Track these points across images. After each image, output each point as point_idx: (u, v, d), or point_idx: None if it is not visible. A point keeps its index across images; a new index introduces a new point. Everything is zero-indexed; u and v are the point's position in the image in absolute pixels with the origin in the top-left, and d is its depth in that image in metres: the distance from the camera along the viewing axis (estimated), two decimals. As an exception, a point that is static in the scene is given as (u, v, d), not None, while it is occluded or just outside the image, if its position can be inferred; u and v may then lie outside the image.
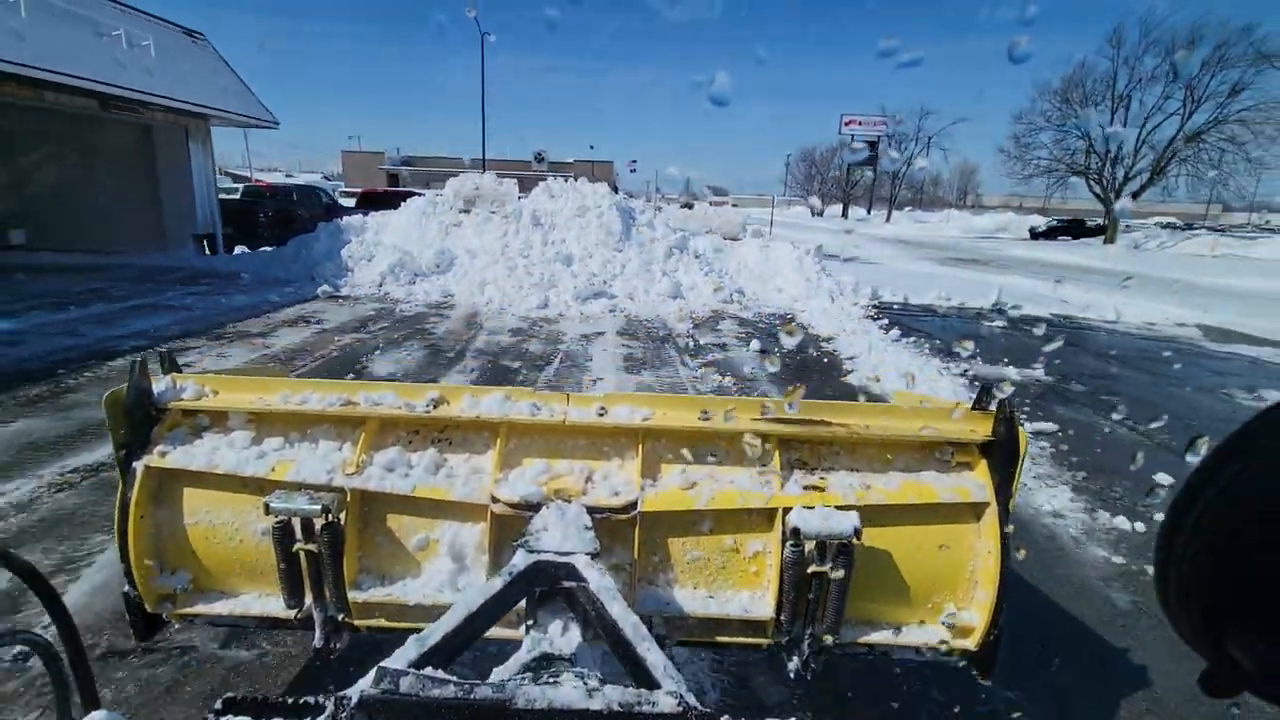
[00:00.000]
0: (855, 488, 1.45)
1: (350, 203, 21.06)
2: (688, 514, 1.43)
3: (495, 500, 1.40)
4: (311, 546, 1.34)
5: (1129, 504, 4.07)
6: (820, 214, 74.26)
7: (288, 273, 11.74)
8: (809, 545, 1.32)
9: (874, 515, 1.40)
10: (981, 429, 1.47)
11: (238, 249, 15.50)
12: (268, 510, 1.32)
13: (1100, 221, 34.17)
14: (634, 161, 79.14)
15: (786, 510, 1.39)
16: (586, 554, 1.17)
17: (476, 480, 1.45)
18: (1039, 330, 10.38)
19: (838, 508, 1.36)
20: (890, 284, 13.02)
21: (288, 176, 52.05)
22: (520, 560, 1.14)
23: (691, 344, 8.15)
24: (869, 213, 64.16)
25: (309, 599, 1.38)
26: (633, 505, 1.39)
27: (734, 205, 33.97)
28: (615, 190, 14.87)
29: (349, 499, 1.41)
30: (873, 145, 58.73)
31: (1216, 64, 28.39)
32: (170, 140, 13.89)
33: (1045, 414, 5.70)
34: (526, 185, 13.62)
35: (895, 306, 11.48)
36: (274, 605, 1.45)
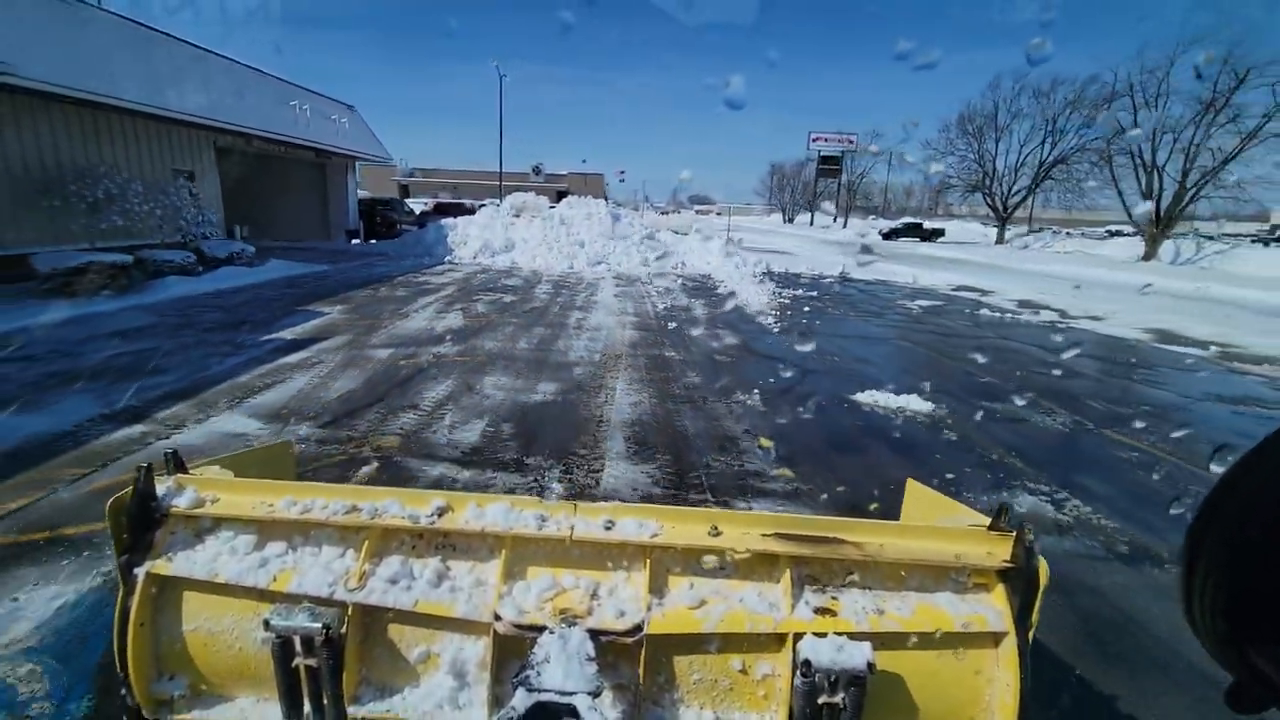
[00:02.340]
0: (869, 612, 1.38)
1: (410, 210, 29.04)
2: (695, 636, 1.37)
3: (498, 618, 1.35)
4: (311, 662, 1.30)
5: (808, 329, 11.77)
6: (791, 221, 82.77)
7: (414, 252, 19.47)
8: (820, 676, 1.26)
9: (887, 640, 1.34)
10: (1000, 552, 1.40)
11: (354, 241, 23.36)
12: (268, 626, 1.28)
13: (947, 225, 42.63)
14: (622, 171, 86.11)
15: (798, 636, 1.32)
16: (587, 693, 1.15)
17: (480, 594, 1.41)
18: (847, 284, 18.32)
19: (850, 635, 1.31)
20: (786, 263, 20.98)
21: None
22: (520, 702, 1.13)
23: (649, 282, 16.02)
24: (835, 219, 71.95)
25: (307, 708, 1.33)
26: (639, 628, 1.34)
27: (719, 214, 41.84)
28: (606, 199, 22.93)
29: (350, 613, 1.36)
30: (836, 160, 67.03)
31: (1073, 105, 36.98)
32: (336, 172, 21.92)
33: (808, 310, 13.49)
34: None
35: (777, 274, 19.37)
36: (272, 715, 1.38)
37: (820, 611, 1.38)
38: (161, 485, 1.48)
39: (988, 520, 1.48)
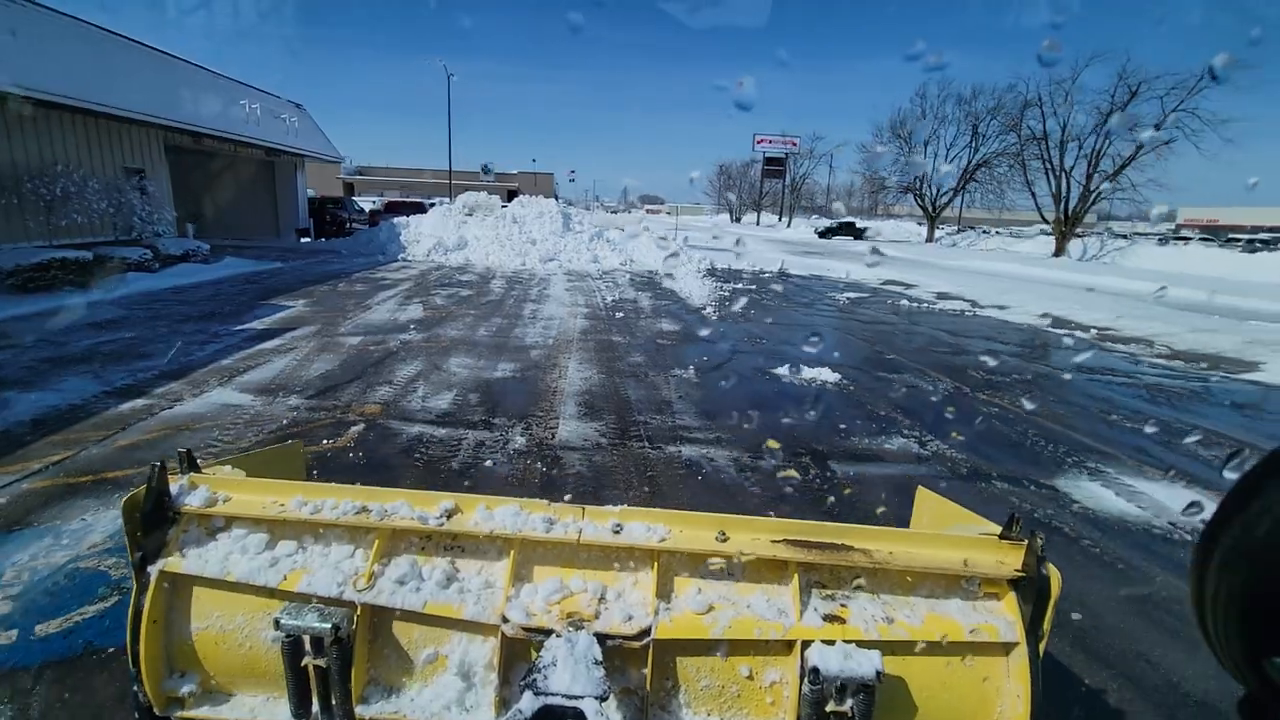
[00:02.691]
0: (878, 620, 1.37)
1: (362, 208, 29.06)
2: (703, 641, 1.37)
3: (506, 620, 1.36)
4: (320, 662, 1.32)
5: (742, 317, 12.84)
6: (738, 220, 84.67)
7: (366, 250, 19.79)
8: (828, 684, 1.26)
9: (896, 649, 1.34)
10: (1011, 561, 1.39)
11: (304, 239, 23.40)
12: (278, 626, 1.30)
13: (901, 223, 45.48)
14: (573, 171, 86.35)
15: (806, 643, 1.32)
16: (594, 697, 1.16)
17: (488, 596, 1.42)
18: (785, 279, 19.59)
19: (859, 643, 1.30)
20: (729, 261, 22.13)
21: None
22: (527, 705, 1.14)
23: (599, 278, 16.86)
24: (780, 218, 74.06)
25: (316, 708, 1.36)
26: (646, 632, 1.34)
27: (668, 213, 42.95)
28: (556, 199, 23.71)
29: (359, 613, 1.38)
30: (781, 161, 69.16)
31: (992, 112, 39.71)
32: (285, 170, 21.98)
33: (745, 301, 14.57)
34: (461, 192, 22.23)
35: (720, 270, 20.48)
36: (281, 713, 1.41)
37: (829, 619, 1.38)
38: (174, 484, 1.49)
39: (998, 529, 1.47)
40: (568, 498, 3.87)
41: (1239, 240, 35.97)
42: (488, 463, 4.34)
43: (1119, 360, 9.16)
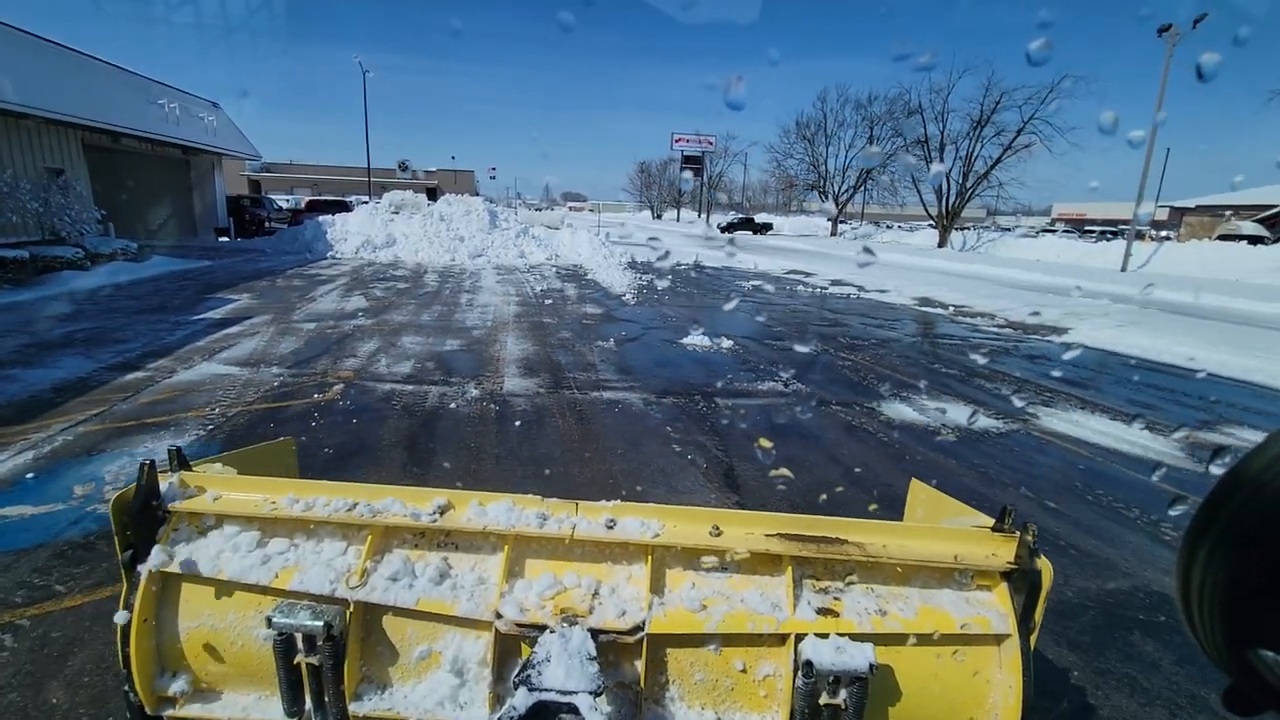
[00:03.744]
0: (871, 613, 1.38)
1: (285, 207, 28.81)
2: (697, 635, 1.37)
3: (499, 616, 1.35)
4: (313, 659, 1.32)
5: (657, 301, 14.36)
6: (659, 217, 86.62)
7: (292, 249, 20.05)
8: (821, 676, 1.27)
9: (889, 641, 1.36)
10: (1003, 553, 1.41)
11: (222, 239, 23.21)
12: (270, 624, 1.30)
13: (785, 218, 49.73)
14: (493, 169, 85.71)
15: (800, 636, 1.33)
16: (589, 692, 1.16)
17: (481, 592, 1.40)
18: (700, 270, 21.37)
19: (852, 636, 1.31)
20: (649, 254, 23.71)
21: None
22: (521, 701, 1.14)
23: (527, 271, 18.03)
24: (699, 215, 76.47)
25: (309, 705, 1.36)
26: (640, 627, 1.35)
27: (591, 210, 43.97)
28: (478, 196, 24.71)
29: (352, 610, 1.37)
30: (698, 159, 71.57)
31: (884, 116, 43.56)
32: (203, 169, 21.78)
33: (661, 289, 16.11)
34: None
35: (640, 263, 22.01)
36: (274, 711, 1.41)
37: (822, 612, 1.38)
38: (164, 482, 1.47)
39: (990, 521, 1.49)
40: (517, 424, 5.20)
41: (1094, 232, 41.22)
42: (452, 405, 5.59)
43: (961, 329, 11.24)
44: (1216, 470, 0.50)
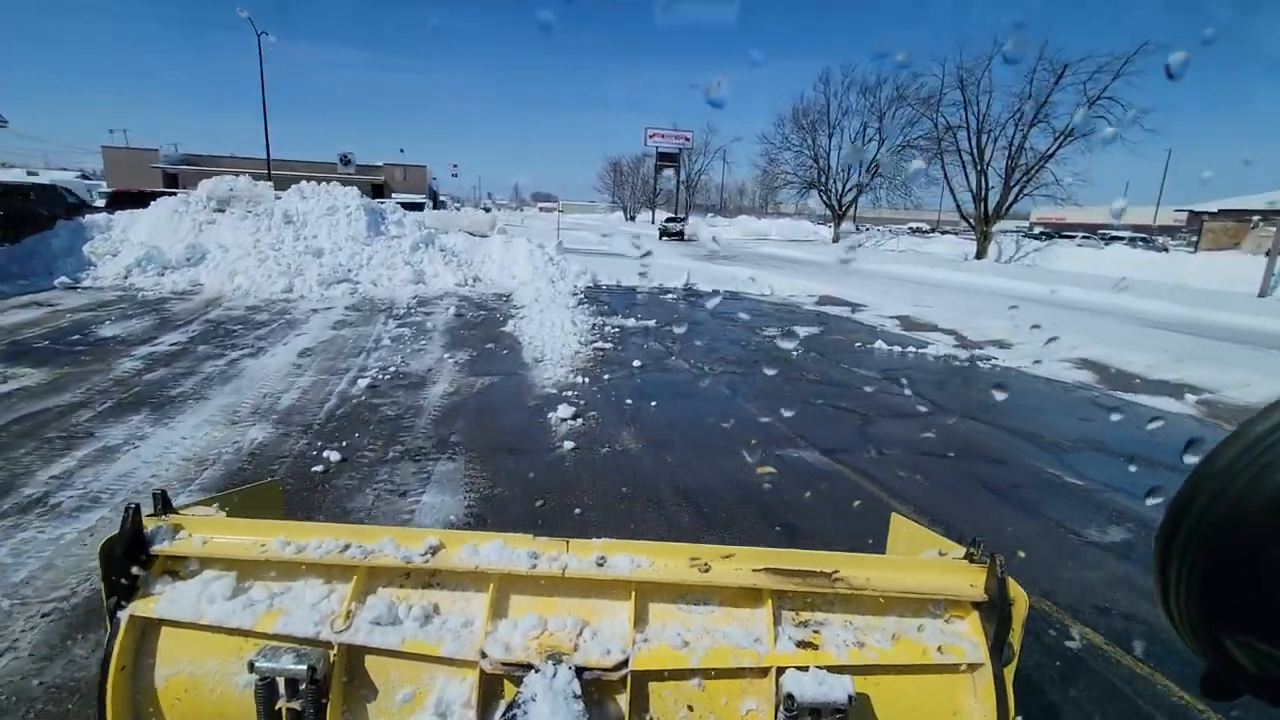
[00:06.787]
0: (849, 644, 1.41)
1: (101, 202, 20.39)
2: (680, 670, 1.39)
3: (485, 656, 1.36)
4: (295, 705, 1.31)
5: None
6: (633, 218, 79.56)
7: (22, 268, 12.10)
8: (801, 709, 1.28)
9: (867, 672, 1.38)
10: (974, 583, 1.43)
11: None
12: (252, 668, 1.29)
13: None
14: (455, 165, 78.50)
15: (780, 670, 1.35)
16: None
17: (467, 633, 1.41)
18: (693, 296, 14.04)
19: (830, 668, 1.34)
20: (618, 274, 16.23)
21: (30, 174, 44.90)
22: None
23: (405, 311, 10.38)
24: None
25: None
26: (624, 664, 1.36)
27: (560, 210, 36.60)
28: (433, 194, 16.64)
29: (336, 653, 1.37)
30: (673, 156, 64.62)
31: (897, 102, 36.54)
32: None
33: (632, 343, 8.77)
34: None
35: (605, 287, 14.54)
36: None
37: (802, 645, 1.42)
38: (150, 525, 1.49)
39: (964, 551, 1.53)
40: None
41: (1090, 237, 36.98)
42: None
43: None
44: (1191, 460, 0.49)
